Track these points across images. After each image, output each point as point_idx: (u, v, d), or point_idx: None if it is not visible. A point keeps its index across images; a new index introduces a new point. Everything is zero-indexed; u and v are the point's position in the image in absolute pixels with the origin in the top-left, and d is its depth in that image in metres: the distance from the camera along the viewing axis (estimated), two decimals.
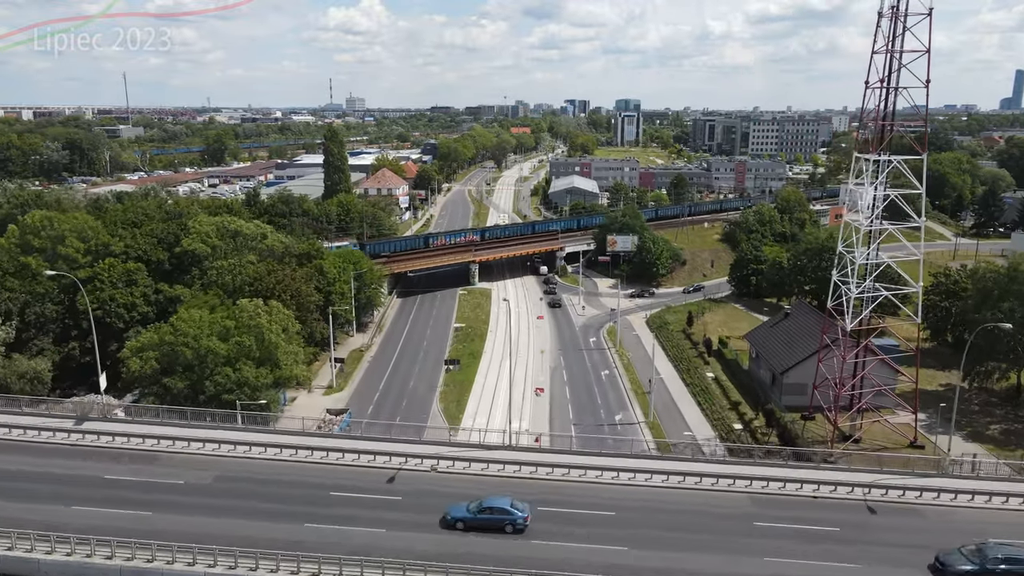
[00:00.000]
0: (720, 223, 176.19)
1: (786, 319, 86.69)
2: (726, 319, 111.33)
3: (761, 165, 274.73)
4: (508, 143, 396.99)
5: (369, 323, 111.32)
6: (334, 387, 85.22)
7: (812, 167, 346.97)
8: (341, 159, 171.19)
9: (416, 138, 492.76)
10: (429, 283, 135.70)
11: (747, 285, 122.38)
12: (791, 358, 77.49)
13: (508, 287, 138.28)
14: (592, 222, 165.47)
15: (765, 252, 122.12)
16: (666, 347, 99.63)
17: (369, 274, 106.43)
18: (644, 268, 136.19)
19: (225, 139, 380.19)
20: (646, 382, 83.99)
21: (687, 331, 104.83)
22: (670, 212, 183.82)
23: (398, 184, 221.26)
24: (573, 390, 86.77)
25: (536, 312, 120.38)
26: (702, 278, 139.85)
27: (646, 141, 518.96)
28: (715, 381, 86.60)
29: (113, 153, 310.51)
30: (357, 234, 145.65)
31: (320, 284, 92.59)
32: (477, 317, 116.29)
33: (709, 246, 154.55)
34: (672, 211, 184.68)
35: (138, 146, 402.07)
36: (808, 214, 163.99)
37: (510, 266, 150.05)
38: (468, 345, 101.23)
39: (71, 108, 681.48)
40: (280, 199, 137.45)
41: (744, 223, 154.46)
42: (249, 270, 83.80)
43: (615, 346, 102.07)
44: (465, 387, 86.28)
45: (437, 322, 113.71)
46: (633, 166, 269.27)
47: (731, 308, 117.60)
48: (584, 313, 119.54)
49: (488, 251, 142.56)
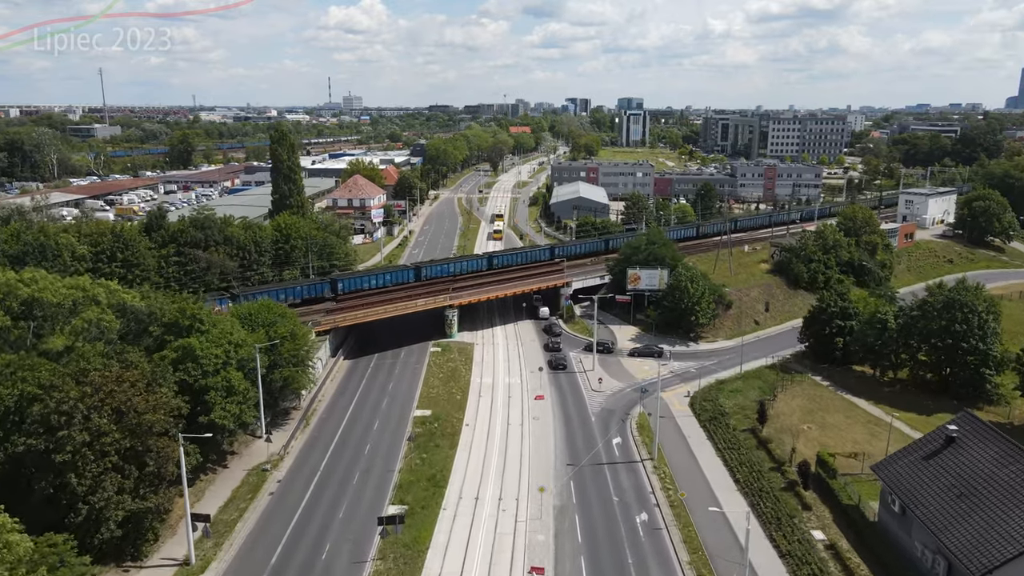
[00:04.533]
0: (761, 244, 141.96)
1: (950, 447, 52.10)
2: (810, 406, 76.78)
3: (793, 169, 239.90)
4: (505, 144, 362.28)
5: (293, 410, 77.10)
6: (192, 564, 51.02)
7: (842, 170, 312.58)
8: (292, 166, 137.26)
9: (408, 138, 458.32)
10: (391, 336, 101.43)
11: (829, 347, 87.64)
12: (994, 543, 43.14)
13: (497, 339, 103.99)
14: (606, 246, 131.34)
15: (854, 302, 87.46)
16: (732, 464, 65.27)
17: (290, 344, 72.29)
18: (679, 315, 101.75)
19: (193, 139, 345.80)
20: (710, 536, 50.01)
21: (758, 431, 70.42)
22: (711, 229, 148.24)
23: (374, 193, 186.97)
24: (593, 563, 52.53)
25: (534, 386, 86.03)
26: (754, 327, 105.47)
27: (653, 141, 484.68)
28: (830, 551, 52.25)
29: (61, 155, 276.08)
30: (303, 267, 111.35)
31: (191, 376, 58.47)
32: (450, 397, 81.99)
33: (757, 280, 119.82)
34: (710, 228, 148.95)
35: (111, 146, 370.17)
36: (880, 236, 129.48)
37: (501, 306, 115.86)
38: (428, 460, 66.75)
39: (61, 107, 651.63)
40: (194, 223, 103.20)
41: (802, 249, 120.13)
42: (42, 374, 49.56)
43: (651, 454, 67.90)
44: (414, 564, 51.95)
45: (392, 407, 79.28)
46: (647, 171, 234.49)
47: (811, 385, 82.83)
48: (601, 388, 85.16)
49: (470, 289, 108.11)
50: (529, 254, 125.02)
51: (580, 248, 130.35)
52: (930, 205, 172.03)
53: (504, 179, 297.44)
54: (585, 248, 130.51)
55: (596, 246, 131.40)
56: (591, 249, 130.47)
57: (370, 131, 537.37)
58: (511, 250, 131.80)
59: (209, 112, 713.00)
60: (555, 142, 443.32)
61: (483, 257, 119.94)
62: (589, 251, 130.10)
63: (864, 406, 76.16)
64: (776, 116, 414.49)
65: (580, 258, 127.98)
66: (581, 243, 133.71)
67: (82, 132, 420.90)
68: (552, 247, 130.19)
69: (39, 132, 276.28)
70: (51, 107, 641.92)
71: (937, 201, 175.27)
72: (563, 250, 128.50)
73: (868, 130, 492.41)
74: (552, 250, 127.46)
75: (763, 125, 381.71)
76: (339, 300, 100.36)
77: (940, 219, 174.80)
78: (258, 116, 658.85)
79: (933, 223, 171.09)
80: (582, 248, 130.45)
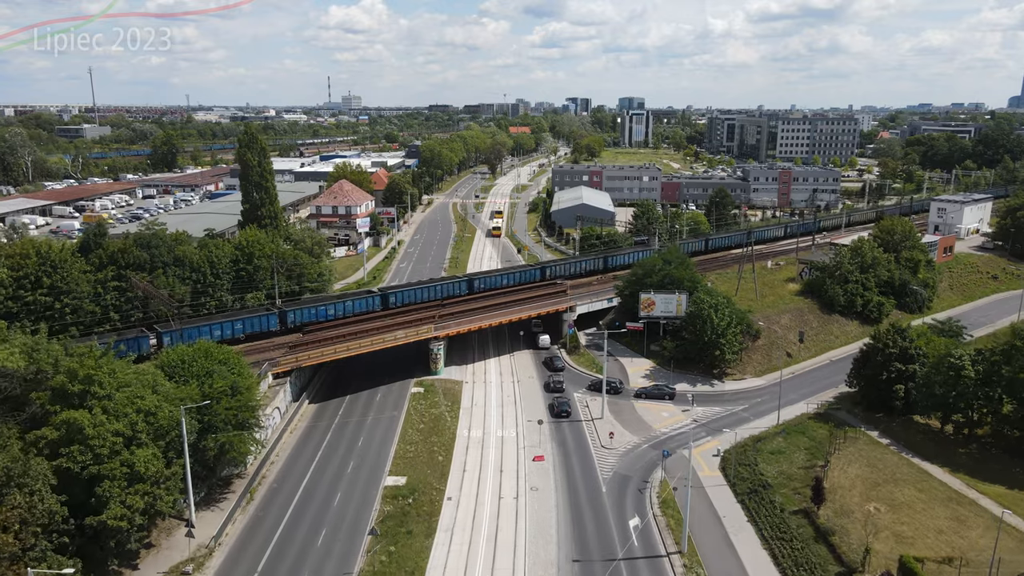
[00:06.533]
0: (785, 259, 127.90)
1: None
2: (872, 475, 62.27)
3: (809, 173, 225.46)
4: (504, 145, 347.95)
5: (236, 478, 62.84)
6: None
7: (856, 172, 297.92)
8: (264, 172, 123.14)
9: (405, 138, 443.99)
10: (367, 371, 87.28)
11: (886, 395, 73.13)
12: None
13: (490, 375, 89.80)
14: (614, 263, 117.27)
15: (916, 339, 72.94)
16: (784, 563, 50.94)
17: (229, 401, 58.18)
18: (701, 348, 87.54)
19: (178, 140, 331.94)
20: None
21: (814, 514, 56.03)
22: (721, 243, 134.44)
23: (361, 200, 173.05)
24: None
25: (532, 441, 71.83)
26: (786, 360, 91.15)
27: (656, 142, 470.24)
28: None
29: (36, 158, 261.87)
30: (267, 295, 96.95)
31: (76, 464, 44.35)
32: (430, 457, 67.76)
33: (786, 303, 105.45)
34: (725, 241, 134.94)
35: (100, 147, 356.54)
36: (921, 252, 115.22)
37: (496, 332, 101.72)
38: (397, 556, 52.28)
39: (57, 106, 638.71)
40: (139, 241, 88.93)
41: (837, 267, 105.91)
42: None
43: (679, 545, 53.72)
44: None
45: (359, 473, 65.00)
46: (653, 175, 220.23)
47: (869, 444, 68.19)
48: (613, 444, 70.88)
49: (459, 317, 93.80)
50: (525, 274, 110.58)
51: (584, 266, 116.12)
52: (965, 213, 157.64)
53: (502, 182, 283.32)
54: (590, 266, 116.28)
55: (603, 263, 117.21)
56: (597, 267, 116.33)
57: (367, 131, 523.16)
58: (504, 270, 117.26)
59: (207, 112, 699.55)
60: (556, 143, 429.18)
61: (462, 280, 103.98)
62: (594, 269, 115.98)
63: (939, 475, 61.92)
64: (786, 116, 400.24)
65: (584, 276, 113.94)
66: (585, 259, 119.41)
67: (70, 132, 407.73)
68: (552, 264, 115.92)
69: (12, 133, 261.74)
70: (47, 107, 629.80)
71: (972, 209, 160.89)
72: (565, 267, 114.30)
73: (876, 130, 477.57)
74: (552, 268, 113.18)
75: (771, 125, 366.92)
76: (306, 332, 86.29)
77: (975, 228, 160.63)
78: (255, 116, 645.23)
79: (968, 233, 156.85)
80: (586, 266, 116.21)
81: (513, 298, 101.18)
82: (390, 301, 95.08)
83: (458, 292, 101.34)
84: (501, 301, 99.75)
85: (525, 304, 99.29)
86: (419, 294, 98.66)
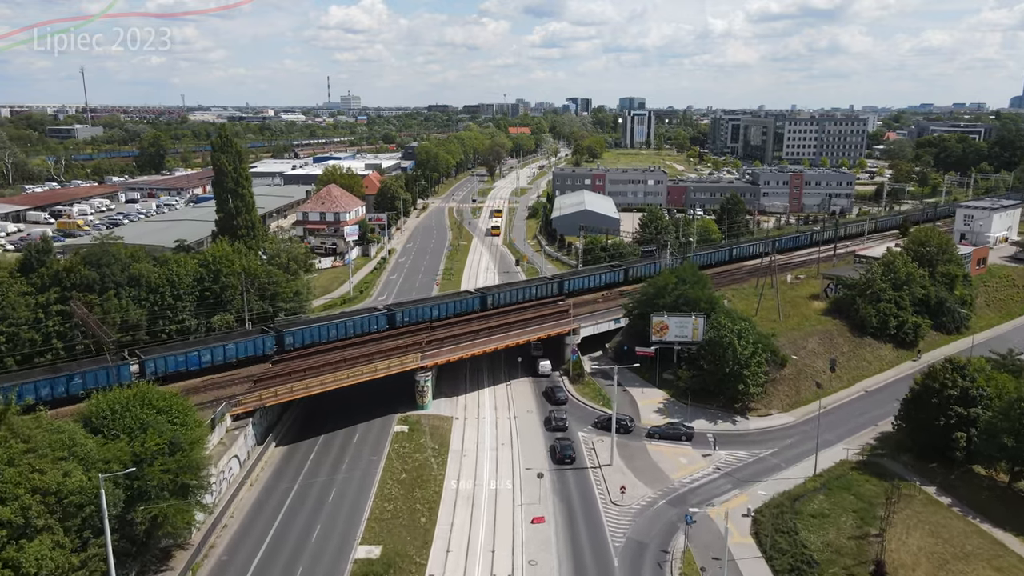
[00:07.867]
0: (805, 271, 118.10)
1: None
2: (936, 547, 52.13)
3: (822, 176, 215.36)
4: (503, 146, 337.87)
5: (177, 549, 52.78)
6: None
7: (867, 175, 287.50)
8: (239, 179, 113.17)
9: (402, 139, 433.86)
10: (345, 405, 77.22)
11: (943, 441, 62.92)
12: None
13: (484, 409, 79.81)
14: (620, 278, 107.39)
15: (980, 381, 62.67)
16: None
17: (164, 461, 48.30)
18: (721, 379, 77.56)
19: (166, 141, 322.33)
20: None
21: None
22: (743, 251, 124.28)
23: (351, 206, 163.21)
24: None
25: (531, 496, 61.82)
26: (815, 392, 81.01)
27: (658, 143, 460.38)
28: None
29: (17, 160, 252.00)
30: (236, 316, 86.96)
31: None
32: (411, 519, 57.71)
33: (812, 324, 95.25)
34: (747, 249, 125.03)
35: (91, 148, 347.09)
36: (958, 266, 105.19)
37: (491, 358, 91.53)
38: None
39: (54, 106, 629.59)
40: (88, 259, 78.92)
41: (868, 285, 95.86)
42: None
43: None
44: None
45: (326, 542, 54.92)
46: (659, 178, 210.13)
47: (928, 504, 58.09)
48: (625, 501, 60.87)
49: (449, 345, 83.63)
50: (541, 288, 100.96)
51: (588, 281, 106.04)
52: (994, 220, 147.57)
53: (501, 185, 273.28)
54: (594, 281, 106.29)
55: (609, 277, 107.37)
56: (616, 279, 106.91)
57: (365, 132, 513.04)
58: (518, 283, 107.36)
59: (205, 112, 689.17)
60: (556, 144, 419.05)
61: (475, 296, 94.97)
62: (614, 281, 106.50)
63: (1017, 547, 51.88)
64: (792, 117, 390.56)
65: (588, 292, 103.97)
66: (590, 272, 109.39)
67: (62, 133, 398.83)
68: (569, 277, 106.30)
69: None
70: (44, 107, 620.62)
71: (1001, 216, 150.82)
72: (582, 281, 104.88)
73: (881, 131, 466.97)
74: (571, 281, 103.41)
75: (778, 126, 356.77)
76: (275, 363, 76.33)
77: (1004, 237, 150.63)
78: (253, 116, 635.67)
79: (997, 242, 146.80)
80: (591, 281, 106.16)
81: (510, 319, 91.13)
82: (396, 319, 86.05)
83: (471, 308, 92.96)
84: (498, 324, 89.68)
85: (524, 326, 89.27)
86: (425, 312, 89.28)
